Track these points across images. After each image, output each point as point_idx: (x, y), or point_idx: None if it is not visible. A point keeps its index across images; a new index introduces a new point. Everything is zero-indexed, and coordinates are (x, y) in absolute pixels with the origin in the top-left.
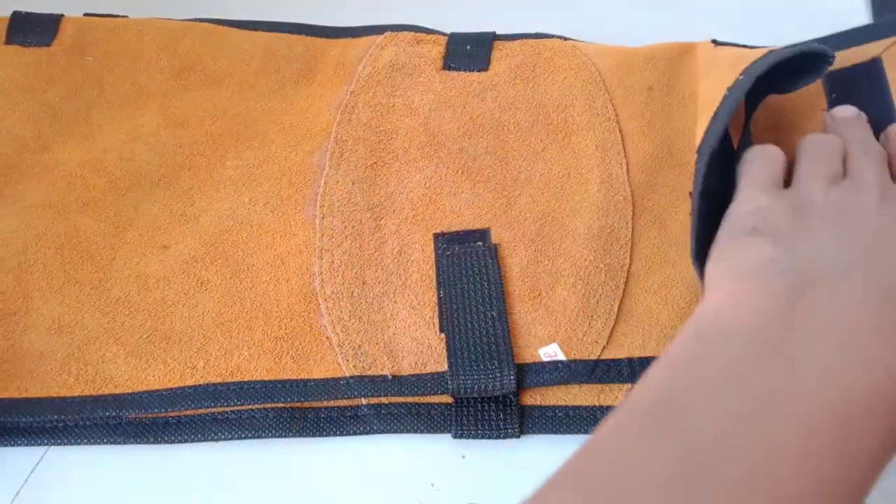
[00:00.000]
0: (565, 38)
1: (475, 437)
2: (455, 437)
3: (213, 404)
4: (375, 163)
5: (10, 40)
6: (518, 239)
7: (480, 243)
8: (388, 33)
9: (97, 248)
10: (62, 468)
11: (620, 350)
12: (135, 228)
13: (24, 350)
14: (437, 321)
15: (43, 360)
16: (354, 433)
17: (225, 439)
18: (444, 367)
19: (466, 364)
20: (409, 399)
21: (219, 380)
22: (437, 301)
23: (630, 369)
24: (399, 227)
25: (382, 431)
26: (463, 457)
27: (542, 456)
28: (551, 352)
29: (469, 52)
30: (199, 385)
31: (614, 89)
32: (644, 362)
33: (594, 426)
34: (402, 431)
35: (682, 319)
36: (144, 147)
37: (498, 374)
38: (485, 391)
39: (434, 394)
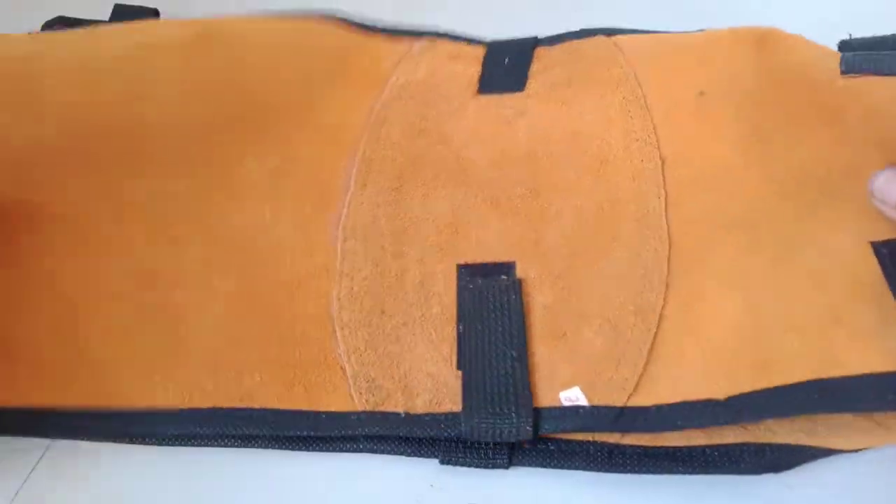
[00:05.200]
0: (609, 33)
1: (462, 465)
2: (442, 463)
3: (222, 430)
4: (402, 186)
5: None
6: (545, 275)
7: (504, 277)
8: (426, 40)
9: (102, 234)
10: (62, 468)
11: (649, 397)
12: (142, 217)
13: (26, 356)
14: (454, 358)
15: (44, 366)
16: (342, 451)
17: (217, 446)
18: (459, 406)
19: (482, 406)
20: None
21: (229, 405)
22: (455, 336)
23: (658, 416)
24: (422, 255)
25: (370, 451)
26: None
27: None
28: (573, 396)
29: (507, 66)
30: (209, 408)
31: (656, 104)
32: (674, 409)
33: (587, 462)
34: (389, 453)
35: (717, 360)
36: (154, 110)
37: (514, 420)
38: (499, 436)
39: (447, 435)
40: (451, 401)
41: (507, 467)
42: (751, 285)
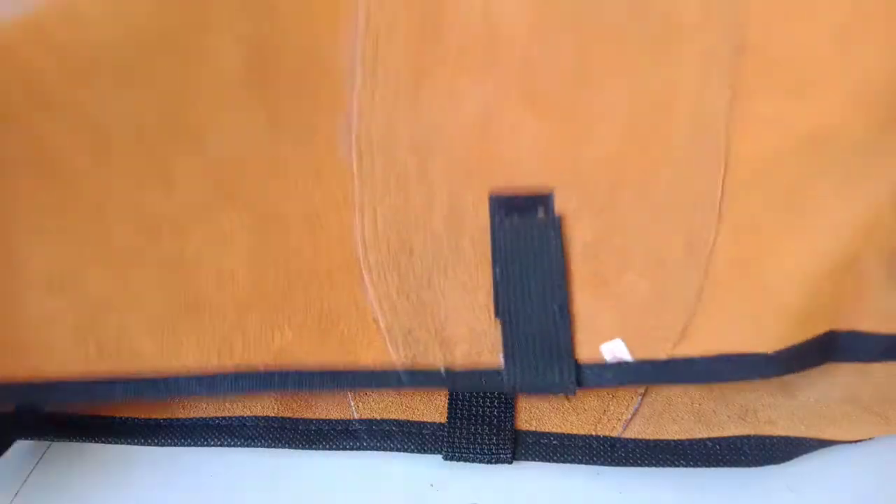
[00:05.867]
0: None
1: (466, 460)
2: (446, 458)
3: (254, 390)
4: (420, 70)
5: None
6: (585, 208)
7: (542, 212)
8: None
9: (82, 174)
10: (62, 468)
11: (696, 346)
12: (119, 142)
13: (27, 315)
14: (491, 305)
15: (51, 326)
16: (344, 448)
17: (216, 445)
18: (499, 357)
19: (523, 361)
20: (402, 416)
21: (261, 363)
22: (491, 281)
23: (706, 369)
24: (449, 174)
25: (373, 448)
26: None
27: None
28: (614, 348)
29: None
30: (241, 372)
31: None
32: (721, 361)
33: (589, 456)
34: (392, 450)
35: (768, 306)
36: (97, 12)
37: (557, 375)
38: (543, 390)
39: (489, 390)
40: (489, 352)
41: (510, 462)
42: (809, 219)
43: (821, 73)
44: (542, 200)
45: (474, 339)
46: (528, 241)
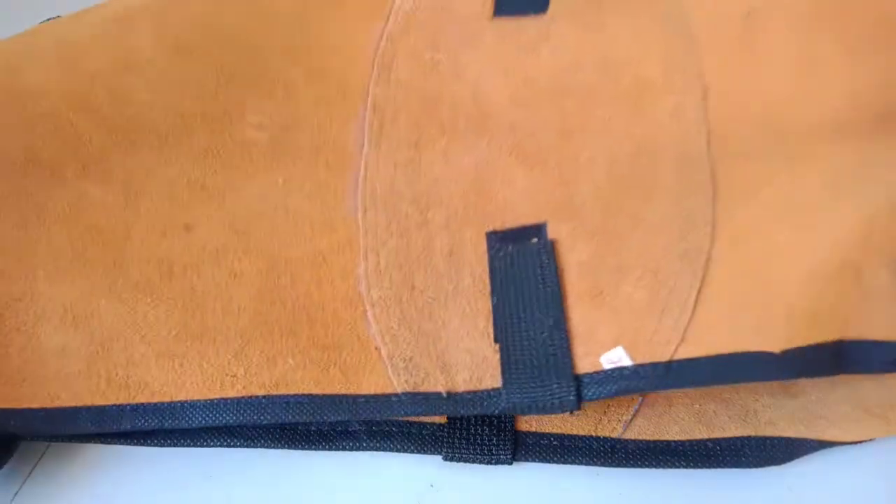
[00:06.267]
0: None
1: (466, 460)
2: (445, 459)
3: (258, 419)
4: (419, 139)
5: None
6: (578, 231)
7: (536, 240)
8: None
9: (108, 223)
10: (62, 468)
11: (699, 346)
12: (149, 199)
13: (43, 346)
14: (491, 331)
15: (66, 358)
16: (344, 449)
17: (216, 446)
18: (500, 381)
19: (522, 380)
20: (402, 417)
21: (262, 392)
22: (490, 308)
23: (710, 368)
24: (448, 221)
25: (372, 449)
26: None
27: None
28: (615, 357)
29: None
30: (243, 397)
31: (701, 25)
32: (728, 360)
33: (589, 457)
34: (392, 450)
35: (774, 305)
36: (141, 82)
37: (556, 391)
38: (543, 409)
39: (489, 412)
40: (491, 376)
41: (510, 463)
42: (807, 221)
43: (779, 105)
44: (535, 230)
45: (475, 364)
46: (523, 266)
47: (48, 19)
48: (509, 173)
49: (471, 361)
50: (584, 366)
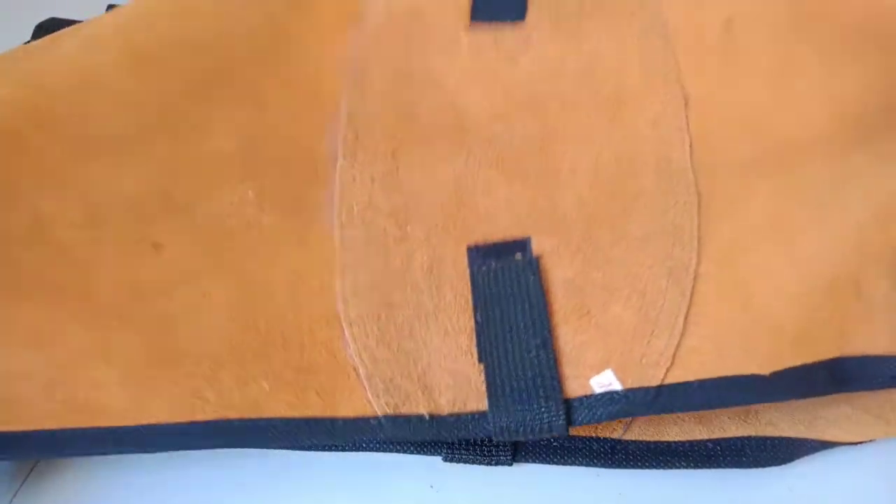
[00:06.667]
0: None
1: (466, 461)
2: (445, 460)
3: (228, 444)
4: (396, 149)
5: None
6: (563, 247)
7: (520, 256)
8: None
9: (71, 241)
10: (61, 469)
11: (688, 371)
12: (112, 213)
13: (2, 370)
14: (474, 350)
15: (24, 382)
16: (342, 449)
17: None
18: (485, 404)
19: (509, 403)
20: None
21: (235, 415)
22: (473, 326)
23: (701, 393)
24: (428, 236)
25: (371, 450)
26: None
27: None
28: (605, 381)
29: None
30: (213, 420)
31: (680, 34)
32: (717, 384)
33: (589, 458)
34: (392, 451)
35: (761, 327)
36: (103, 97)
37: (545, 415)
38: (531, 433)
39: (474, 436)
40: (475, 398)
41: (510, 464)
42: (793, 236)
43: (759, 114)
44: (518, 245)
45: (458, 386)
46: (506, 283)
47: (44, 24)
48: (490, 184)
49: (454, 383)
50: (573, 389)
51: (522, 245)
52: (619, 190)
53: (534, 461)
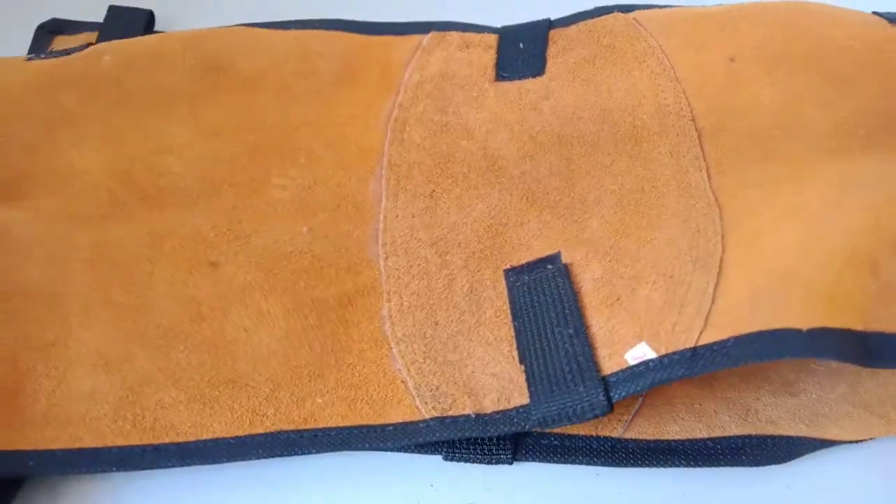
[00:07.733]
0: (625, 9)
1: (466, 460)
2: (445, 459)
3: (285, 453)
4: (434, 191)
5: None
6: (591, 255)
7: (551, 266)
8: (433, 34)
9: (130, 260)
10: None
11: (723, 330)
12: (174, 238)
13: (72, 390)
14: (515, 354)
15: (93, 402)
16: (344, 449)
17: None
18: (527, 398)
19: (548, 391)
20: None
21: (291, 427)
22: (513, 334)
23: (738, 349)
24: (467, 262)
25: (372, 449)
26: None
27: None
28: (639, 353)
29: (522, 51)
30: (271, 432)
31: (687, 75)
32: (754, 339)
33: (589, 457)
34: (392, 450)
35: (791, 286)
36: (178, 161)
37: (584, 396)
38: (574, 416)
39: (521, 429)
40: (518, 394)
41: (510, 462)
42: (812, 221)
43: (768, 140)
44: (550, 259)
45: (502, 386)
46: (540, 290)
47: (45, 25)
48: (522, 215)
49: (497, 384)
50: (609, 366)
51: (553, 259)
52: (644, 210)
53: (534, 460)
